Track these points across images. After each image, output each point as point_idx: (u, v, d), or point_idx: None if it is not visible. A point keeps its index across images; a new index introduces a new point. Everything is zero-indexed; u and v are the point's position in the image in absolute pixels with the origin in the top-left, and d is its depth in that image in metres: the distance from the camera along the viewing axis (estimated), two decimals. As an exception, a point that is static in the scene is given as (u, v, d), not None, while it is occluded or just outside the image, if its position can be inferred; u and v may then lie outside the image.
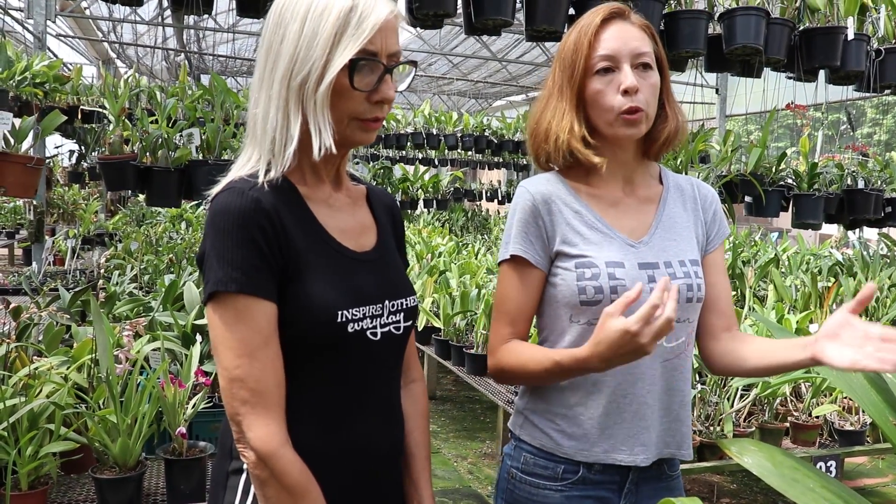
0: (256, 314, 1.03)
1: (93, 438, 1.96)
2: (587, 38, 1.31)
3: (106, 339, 2.02)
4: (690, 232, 1.41)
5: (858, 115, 18.80)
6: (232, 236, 1.03)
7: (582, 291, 1.29)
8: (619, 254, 1.32)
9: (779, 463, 1.14)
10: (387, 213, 1.29)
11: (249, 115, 1.14)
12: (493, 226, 10.01)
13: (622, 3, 1.50)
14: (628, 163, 1.39)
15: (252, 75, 1.17)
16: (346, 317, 1.09)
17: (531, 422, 1.38)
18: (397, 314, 1.18)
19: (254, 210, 1.04)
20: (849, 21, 3.26)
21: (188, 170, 3.19)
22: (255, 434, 1.03)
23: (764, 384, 2.89)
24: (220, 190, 1.09)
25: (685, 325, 1.35)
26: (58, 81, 4.54)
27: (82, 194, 7.81)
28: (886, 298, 4.48)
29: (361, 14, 1.06)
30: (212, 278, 1.04)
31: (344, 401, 1.14)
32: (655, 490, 1.36)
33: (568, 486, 1.33)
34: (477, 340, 4.12)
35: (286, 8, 1.08)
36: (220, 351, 1.05)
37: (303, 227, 1.10)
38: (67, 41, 11.14)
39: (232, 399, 1.04)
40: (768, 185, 4.02)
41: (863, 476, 4.17)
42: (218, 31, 10.91)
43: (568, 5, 2.76)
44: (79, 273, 5.14)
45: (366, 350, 1.13)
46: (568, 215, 1.34)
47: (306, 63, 1.06)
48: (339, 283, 1.11)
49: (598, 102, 1.31)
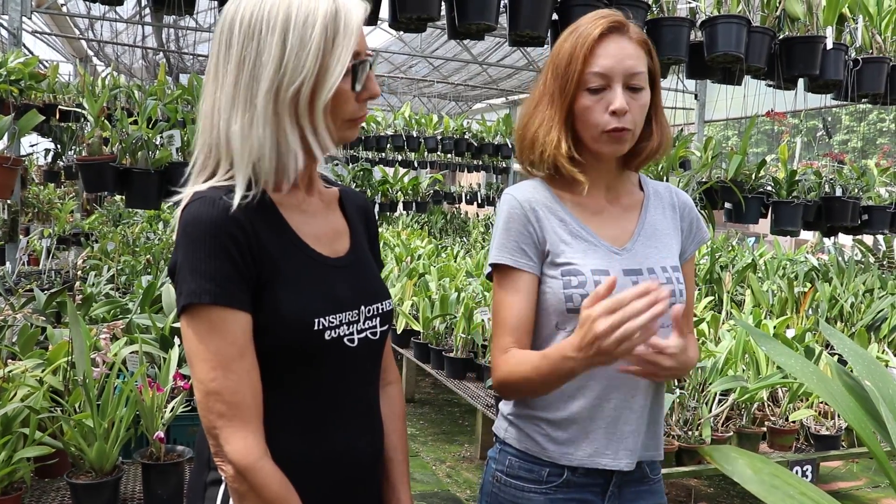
0: (231, 325, 1.02)
1: (68, 443, 1.93)
2: (583, 51, 1.29)
3: (83, 342, 1.99)
4: (670, 238, 1.42)
5: (834, 123, 19.11)
6: (204, 247, 1.01)
7: (569, 299, 1.30)
8: (603, 261, 1.33)
9: (759, 469, 1.15)
10: (360, 214, 1.27)
11: (209, 134, 1.08)
12: (472, 228, 10.03)
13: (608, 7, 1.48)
14: (611, 172, 1.41)
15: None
16: (322, 324, 1.07)
17: (516, 426, 1.38)
18: (373, 319, 1.17)
19: (226, 219, 1.02)
20: (828, 30, 3.31)
21: (168, 171, 3.15)
22: (233, 448, 1.01)
23: (742, 389, 2.92)
24: (190, 200, 1.05)
25: (666, 331, 1.33)
26: (33, 79, 4.47)
27: (58, 193, 7.69)
28: (861, 304, 4.55)
29: (345, 17, 1.04)
30: (185, 290, 1.01)
31: (323, 409, 1.12)
32: (637, 493, 1.38)
33: (552, 489, 1.33)
34: (456, 344, 4.12)
35: (256, 18, 1.03)
36: (194, 364, 1.03)
37: (276, 235, 1.08)
38: (44, 38, 10.97)
39: (208, 412, 1.02)
40: (748, 192, 4.06)
41: (837, 480, 4.22)
42: (197, 31, 10.81)
43: (552, 11, 2.77)
44: (54, 273, 5.06)
45: (343, 357, 1.12)
46: (554, 223, 1.35)
47: (297, 74, 1.02)
48: (315, 291, 1.09)
49: (585, 118, 1.31)
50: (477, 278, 5.11)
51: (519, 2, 2.66)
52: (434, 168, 11.95)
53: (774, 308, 4.62)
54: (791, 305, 4.59)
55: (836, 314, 4.48)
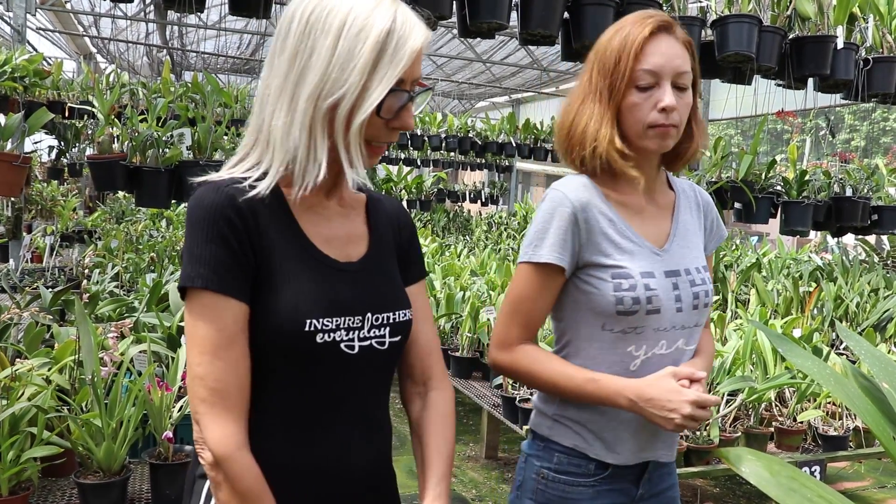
0: (222, 312, 1.00)
1: (76, 442, 1.92)
2: (633, 49, 1.31)
3: (91, 341, 1.98)
4: (698, 238, 1.48)
5: (837, 122, 19.07)
6: (202, 231, 1.00)
7: (619, 301, 1.33)
8: (649, 263, 1.37)
9: (776, 472, 1.14)
10: (389, 222, 1.22)
11: (258, 120, 1.07)
12: (475, 227, 10.00)
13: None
14: (653, 170, 1.43)
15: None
16: (315, 326, 1.04)
17: (563, 425, 1.42)
18: (381, 328, 1.11)
19: (226, 206, 1.01)
20: (838, 30, 3.28)
21: (178, 170, 3.14)
22: (212, 434, 1.00)
23: (750, 390, 2.91)
24: (200, 184, 1.06)
25: (699, 329, 1.44)
26: (38, 76, 4.46)
27: (61, 190, 7.69)
28: (867, 304, 4.54)
29: (399, 40, 1.01)
30: (182, 273, 1.02)
31: (313, 414, 1.08)
32: (661, 476, 1.48)
33: (598, 481, 1.40)
34: (462, 343, 4.11)
35: (316, 16, 1.01)
36: (188, 346, 1.03)
37: (280, 231, 1.06)
38: (47, 35, 10.97)
39: (193, 396, 1.02)
40: (758, 192, 4.04)
41: (843, 480, 4.21)
42: (201, 28, 10.80)
43: (563, 10, 2.75)
44: (57, 271, 5.05)
45: (339, 363, 1.07)
46: (603, 224, 1.37)
47: (339, 86, 1.00)
48: (313, 292, 1.05)
49: (633, 114, 1.33)
50: (482, 277, 5.10)
51: (531, 1, 2.65)
52: (437, 166, 11.94)
53: (779, 307, 4.60)
54: (796, 305, 4.58)
55: (842, 314, 4.47)
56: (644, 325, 1.35)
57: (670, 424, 1.28)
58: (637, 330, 1.35)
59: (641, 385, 1.30)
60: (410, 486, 3.82)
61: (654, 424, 1.31)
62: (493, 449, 4.31)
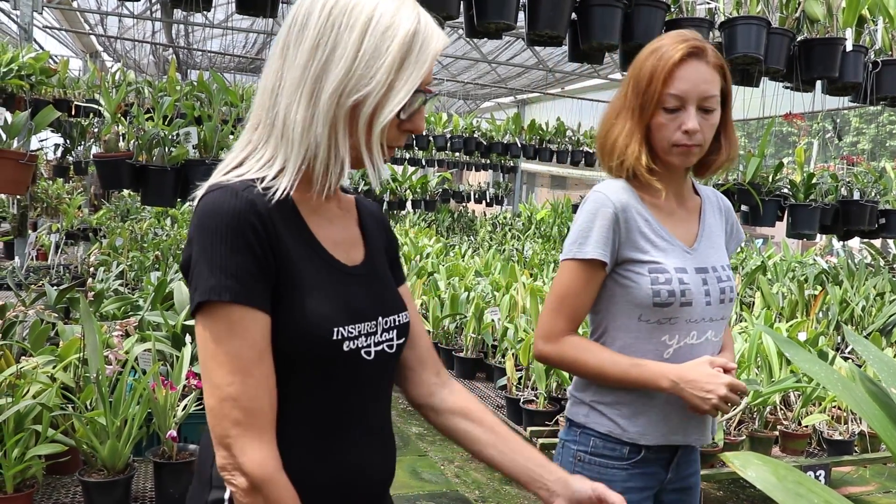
0: (251, 326, 0.95)
1: (81, 440, 1.92)
2: (664, 73, 1.43)
3: (96, 339, 1.98)
4: (721, 239, 1.62)
5: (843, 125, 19.01)
6: (225, 240, 0.94)
7: (656, 294, 1.46)
8: (681, 260, 1.51)
9: (783, 477, 1.13)
10: (378, 226, 1.21)
11: (271, 112, 1.01)
12: (480, 227, 10.00)
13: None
14: (680, 179, 1.58)
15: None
16: (341, 334, 1.01)
17: (598, 411, 1.54)
18: (391, 331, 1.10)
19: (249, 212, 0.95)
20: (847, 32, 3.27)
21: (184, 169, 3.14)
22: (249, 458, 0.94)
23: (755, 393, 2.90)
24: (209, 189, 0.98)
25: (724, 322, 1.58)
26: (44, 74, 4.46)
27: (66, 188, 7.71)
28: (872, 308, 4.52)
29: (424, 41, 0.99)
30: (201, 286, 0.94)
31: (334, 426, 1.05)
32: (688, 461, 1.60)
33: (631, 465, 1.52)
34: (466, 344, 4.10)
35: (340, 9, 0.98)
36: (210, 367, 0.95)
37: (295, 236, 1.02)
38: (54, 33, 10.99)
39: (223, 419, 0.94)
40: (765, 195, 4.02)
41: (847, 484, 4.19)
42: (208, 27, 10.81)
43: (571, 11, 2.75)
44: (62, 269, 5.06)
45: (358, 370, 1.05)
46: (640, 223, 1.50)
47: (364, 84, 0.97)
48: (334, 298, 1.02)
49: (660, 133, 1.47)
50: (486, 278, 5.09)
51: (538, 1, 2.64)
52: (442, 166, 11.93)
53: (784, 311, 4.59)
54: (801, 308, 4.56)
55: (847, 317, 4.45)
56: (677, 317, 1.48)
57: (707, 404, 1.42)
58: (671, 321, 1.48)
59: (683, 368, 1.45)
60: (413, 487, 3.81)
61: (692, 405, 1.43)
62: (496, 450, 4.30)
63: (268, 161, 1.02)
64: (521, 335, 3.55)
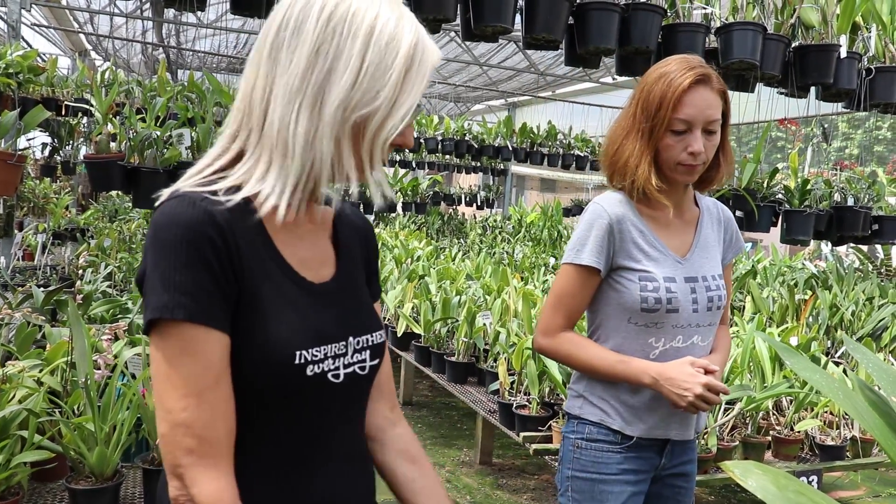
0: (207, 347, 0.88)
1: (68, 447, 1.88)
2: (673, 99, 1.54)
3: (84, 343, 1.95)
4: (716, 250, 1.74)
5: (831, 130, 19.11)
6: (179, 253, 0.87)
7: (644, 300, 1.60)
8: (671, 270, 1.64)
9: (783, 486, 1.12)
10: (357, 237, 1.14)
11: (259, 119, 0.94)
12: (470, 230, 9.98)
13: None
14: (680, 192, 1.70)
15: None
16: (304, 358, 0.94)
17: (590, 402, 1.70)
18: (363, 352, 1.03)
19: (206, 224, 0.88)
20: (842, 39, 3.27)
21: (177, 171, 3.08)
22: (201, 490, 0.87)
23: (748, 399, 2.89)
24: (167, 198, 0.92)
25: (713, 328, 1.70)
26: (32, 72, 4.41)
27: (53, 188, 7.63)
28: (862, 313, 4.53)
29: (423, 54, 0.95)
30: (153, 303, 0.87)
31: (301, 455, 0.98)
32: (684, 449, 1.75)
33: (624, 448, 1.67)
34: (458, 348, 4.08)
35: (340, 15, 0.92)
36: (162, 390, 0.89)
37: (257, 252, 0.95)
38: (41, 31, 10.89)
39: (174, 448, 0.88)
40: (760, 201, 4.02)
41: (838, 489, 4.20)
42: (199, 27, 10.75)
43: (568, 15, 2.74)
44: (49, 269, 5.00)
45: (326, 395, 0.98)
46: (634, 234, 1.63)
47: (371, 98, 0.91)
48: (298, 320, 0.96)
49: (667, 153, 1.59)
50: (477, 281, 5.07)
51: (536, 5, 2.62)
52: (433, 169, 11.91)
53: (775, 315, 4.59)
54: (791, 313, 4.57)
55: (837, 322, 4.46)
56: (663, 322, 1.61)
57: (683, 402, 1.54)
58: (658, 325, 1.61)
59: (663, 367, 1.57)
60: None
61: (670, 401, 1.56)
62: (487, 455, 4.29)
63: (261, 174, 0.94)
64: (514, 339, 3.53)
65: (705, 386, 1.53)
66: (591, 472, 1.68)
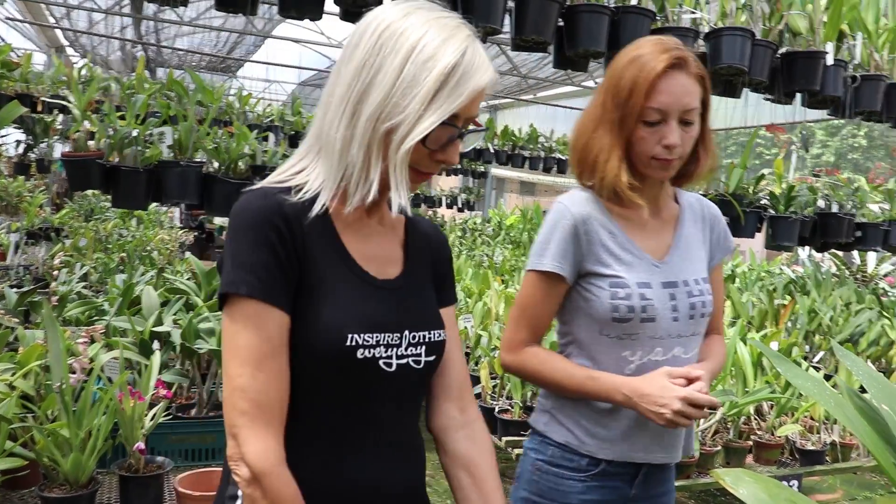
0: (267, 321, 0.98)
1: (41, 453, 1.83)
2: (645, 85, 1.36)
3: (59, 347, 1.90)
4: (700, 251, 1.55)
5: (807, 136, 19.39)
6: (247, 237, 0.99)
7: (615, 309, 1.41)
8: (646, 275, 1.45)
9: (775, 495, 1.11)
10: (429, 246, 1.21)
11: (319, 125, 1.06)
12: (449, 233, 9.96)
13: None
14: (656, 189, 1.51)
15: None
16: (356, 341, 1.02)
17: (557, 420, 1.51)
18: (418, 346, 1.10)
19: (273, 213, 1.00)
20: (828, 46, 3.30)
21: (158, 170, 3.03)
22: (251, 449, 0.96)
23: (731, 404, 2.90)
24: (247, 190, 1.05)
25: (697, 338, 1.51)
26: (6, 67, 4.34)
27: (27, 186, 7.50)
28: (839, 318, 4.58)
29: (462, 76, 1.00)
30: (224, 279, 1.00)
31: (350, 434, 1.06)
32: (659, 479, 1.53)
33: (589, 477, 1.47)
34: (440, 351, 4.05)
35: (390, 33, 1.01)
36: (227, 357, 1.00)
37: (323, 244, 1.05)
38: (16, 25, 10.71)
39: (231, 409, 0.98)
40: (746, 206, 4.04)
41: (815, 492, 4.24)
42: (178, 24, 10.63)
43: (558, 16, 2.72)
44: (22, 269, 4.90)
45: (378, 380, 1.05)
46: (603, 236, 1.45)
47: (399, 111, 0.99)
48: (353, 306, 1.04)
49: (640, 146, 1.41)
50: (457, 284, 5.05)
51: (525, 6, 2.60)
52: (413, 170, 11.84)
53: (754, 320, 4.63)
54: (770, 318, 4.60)
55: (815, 327, 4.50)
56: (639, 333, 1.43)
57: (661, 419, 1.36)
58: (632, 337, 1.43)
59: (637, 382, 1.39)
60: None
61: (648, 420, 1.38)
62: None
63: (316, 175, 1.06)
64: (495, 343, 3.51)
65: (684, 400, 1.35)
66: (548, 500, 1.50)
